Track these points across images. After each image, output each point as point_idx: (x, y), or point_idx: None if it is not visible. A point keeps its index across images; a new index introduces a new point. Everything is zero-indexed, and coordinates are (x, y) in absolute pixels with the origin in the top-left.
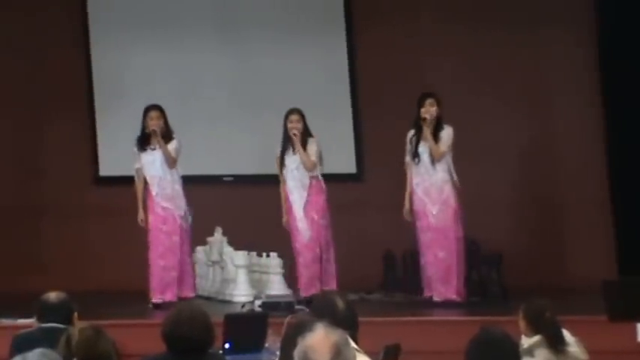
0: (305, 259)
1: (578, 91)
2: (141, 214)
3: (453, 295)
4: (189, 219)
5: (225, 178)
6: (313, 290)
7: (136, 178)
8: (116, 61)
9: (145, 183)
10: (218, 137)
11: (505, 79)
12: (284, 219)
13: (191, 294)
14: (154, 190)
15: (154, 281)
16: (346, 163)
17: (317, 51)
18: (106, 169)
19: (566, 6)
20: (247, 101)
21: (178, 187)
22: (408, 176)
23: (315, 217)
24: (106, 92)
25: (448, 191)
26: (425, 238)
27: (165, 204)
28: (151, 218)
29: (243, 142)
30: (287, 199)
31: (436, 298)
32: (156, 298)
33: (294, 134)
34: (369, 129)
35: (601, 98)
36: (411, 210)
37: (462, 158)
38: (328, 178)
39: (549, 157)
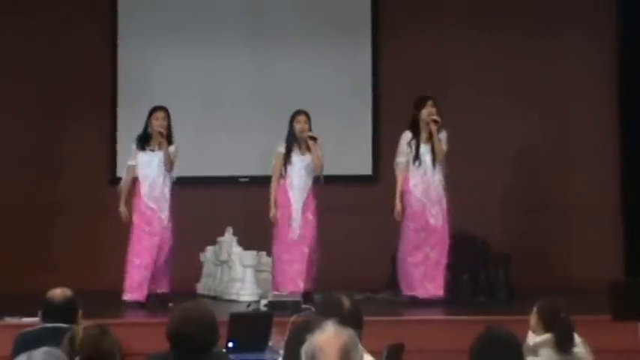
0: (292, 255)
1: (595, 95)
2: (124, 211)
3: (440, 292)
4: (167, 222)
5: (241, 179)
6: (293, 288)
7: (125, 174)
8: (142, 64)
9: (134, 182)
10: (238, 140)
11: (525, 82)
12: (272, 212)
13: (166, 290)
14: (143, 189)
15: (128, 280)
16: (363, 165)
17: (341, 55)
18: (123, 171)
19: (586, 11)
20: (269, 105)
21: (167, 191)
22: (400, 177)
23: (309, 216)
24: (130, 95)
25: (442, 192)
26: (417, 237)
27: (151, 204)
28: (135, 217)
29: (263, 145)
30: (283, 194)
31: (421, 297)
32: (126, 297)
33: (311, 136)
34: (388, 132)
35: (618, 103)
36: (403, 211)
37: (477, 159)
38: (344, 178)
39: (561, 159)
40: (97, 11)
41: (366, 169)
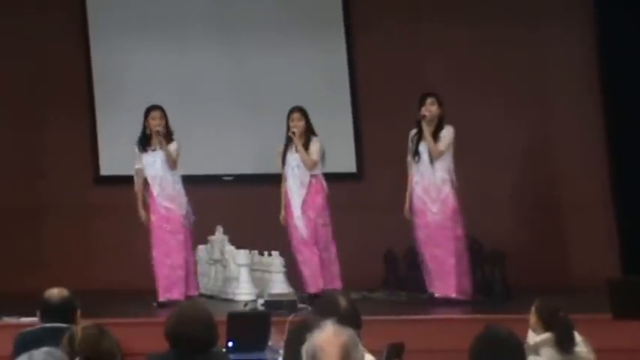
0: (304, 256)
1: (579, 91)
2: (142, 214)
3: (452, 293)
4: (192, 218)
5: (225, 178)
6: (317, 286)
7: (135, 178)
8: (116, 61)
9: (146, 183)
10: (218, 137)
11: (506, 78)
12: (281, 214)
13: (194, 292)
14: (155, 190)
15: (161, 280)
16: (346, 163)
17: (317, 51)
18: (106, 169)
19: (566, 5)
20: (247, 101)
21: (179, 187)
22: (409, 175)
23: (312, 215)
24: (107, 92)
25: (447, 191)
26: (422, 235)
27: (167, 204)
28: (153, 218)
29: (243, 142)
30: (286, 195)
31: (436, 294)
32: (162, 297)
33: (293, 133)
34: (369, 128)
35: (601, 98)
36: (410, 208)
37: (465, 158)
38: (329, 177)
39: (552, 157)
40: (67, 7)
41: (351, 166)
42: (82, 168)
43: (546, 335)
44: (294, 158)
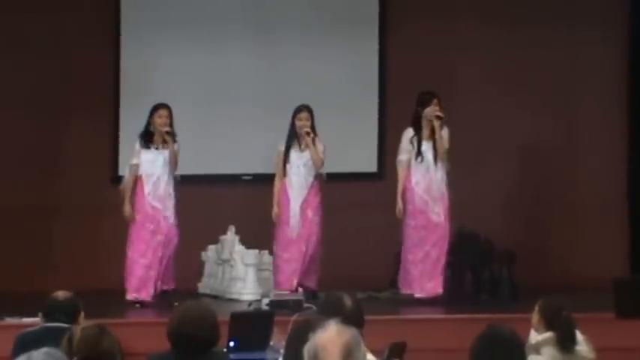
0: (291, 254)
1: (605, 92)
2: (128, 209)
3: (438, 290)
4: (173, 219)
5: (244, 177)
6: (288, 287)
7: (127, 173)
8: (144, 61)
9: (137, 180)
10: (242, 138)
11: (535, 79)
12: (274, 211)
13: (172, 286)
14: (146, 188)
15: (132, 280)
16: (368, 162)
17: (347, 51)
18: (125, 169)
19: (598, 7)
20: (274, 101)
21: (171, 190)
22: (401, 175)
23: (310, 214)
24: (133, 92)
25: (444, 190)
26: (417, 235)
27: (155, 203)
28: (138, 217)
29: (268, 143)
30: (283, 192)
31: (418, 295)
32: (131, 296)
33: (307, 132)
34: (393, 128)
35: (627, 99)
36: (405, 209)
37: (483, 156)
38: (349, 176)
39: (568, 156)
40: (100, 6)
41: (372, 165)
42: (101, 167)
43: (548, 334)
44: (300, 157)
